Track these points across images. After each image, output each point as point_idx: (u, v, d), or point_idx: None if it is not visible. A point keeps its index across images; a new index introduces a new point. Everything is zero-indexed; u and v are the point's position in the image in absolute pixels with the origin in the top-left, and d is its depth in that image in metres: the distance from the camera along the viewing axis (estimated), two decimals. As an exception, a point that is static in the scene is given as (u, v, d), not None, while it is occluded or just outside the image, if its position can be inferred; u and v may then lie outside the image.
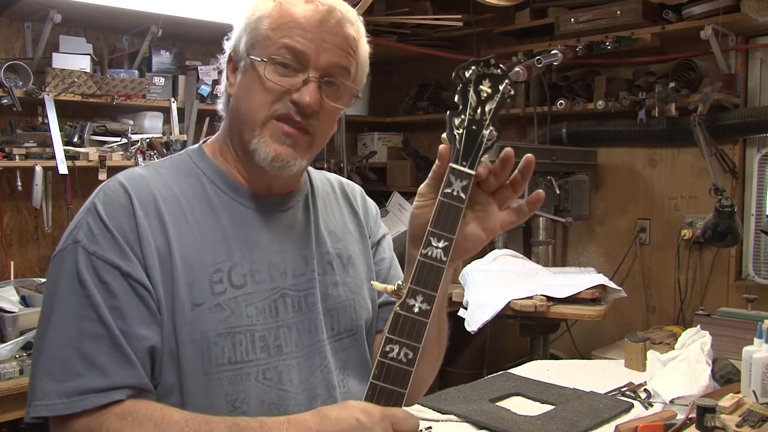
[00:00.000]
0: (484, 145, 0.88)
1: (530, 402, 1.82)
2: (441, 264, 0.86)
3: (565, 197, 3.14)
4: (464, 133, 0.88)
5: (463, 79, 0.88)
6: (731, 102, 2.88)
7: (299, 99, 0.98)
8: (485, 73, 0.88)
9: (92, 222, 0.94)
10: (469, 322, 2.50)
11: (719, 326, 2.29)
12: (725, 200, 2.59)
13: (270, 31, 0.99)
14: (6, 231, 2.76)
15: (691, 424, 1.56)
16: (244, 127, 1.01)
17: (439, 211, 0.87)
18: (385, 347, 0.84)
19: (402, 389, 0.84)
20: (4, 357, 2.15)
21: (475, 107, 0.88)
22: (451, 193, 0.87)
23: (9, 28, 2.76)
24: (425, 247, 0.86)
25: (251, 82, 1.00)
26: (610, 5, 3.04)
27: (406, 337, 0.84)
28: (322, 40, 0.99)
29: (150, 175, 1.01)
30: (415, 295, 0.85)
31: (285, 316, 1.02)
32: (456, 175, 0.87)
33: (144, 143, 2.81)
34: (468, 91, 0.88)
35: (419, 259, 0.86)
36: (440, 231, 0.86)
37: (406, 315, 0.84)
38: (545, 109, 3.31)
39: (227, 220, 1.02)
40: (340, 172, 3.49)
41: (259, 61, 0.98)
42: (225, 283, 0.98)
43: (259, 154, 0.99)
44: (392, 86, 4.17)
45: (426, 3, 3.52)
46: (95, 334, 0.89)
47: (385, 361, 0.84)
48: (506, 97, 0.88)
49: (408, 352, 0.84)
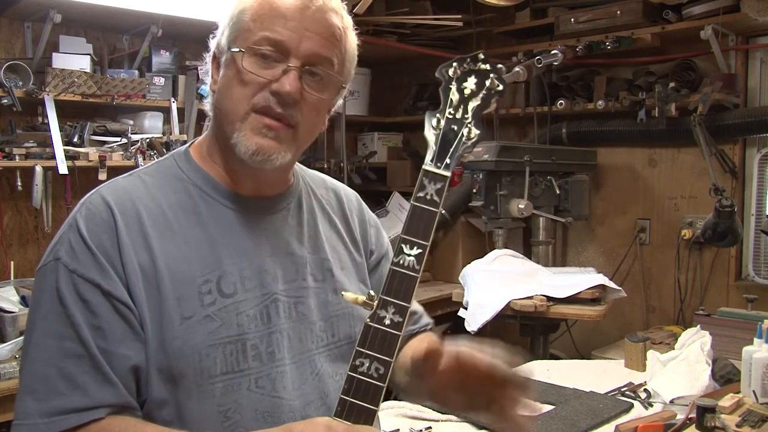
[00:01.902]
0: (462, 144, 0.83)
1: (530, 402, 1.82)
2: (414, 273, 0.81)
3: (565, 197, 3.14)
4: (440, 134, 0.84)
5: (446, 76, 0.84)
6: (731, 102, 2.88)
7: (278, 88, 0.95)
8: (471, 70, 0.84)
9: (73, 239, 0.93)
10: (469, 322, 2.50)
11: (719, 326, 2.29)
12: (725, 200, 2.59)
13: (251, 22, 0.97)
14: (6, 231, 2.76)
15: (691, 424, 1.56)
16: (225, 122, 0.99)
17: (411, 216, 0.82)
18: (355, 361, 0.80)
19: (373, 406, 0.80)
20: (4, 357, 2.15)
21: (456, 105, 0.83)
22: (424, 197, 0.82)
23: (9, 28, 2.76)
24: (397, 256, 0.81)
25: (231, 75, 0.98)
26: (610, 5, 3.04)
27: (377, 350, 0.80)
28: (303, 28, 0.96)
29: (134, 186, 1.00)
30: (386, 306, 0.80)
31: (277, 322, 1.01)
32: (429, 178, 0.82)
33: (144, 143, 2.81)
34: (449, 88, 0.84)
35: (391, 268, 0.81)
36: (412, 238, 0.81)
37: (376, 327, 0.80)
38: (545, 109, 3.31)
39: (214, 228, 1.00)
40: (340, 172, 3.49)
41: (238, 52, 0.96)
42: (214, 294, 0.96)
43: (240, 148, 0.96)
44: (392, 86, 4.17)
45: (426, 3, 3.52)
46: (76, 354, 0.88)
47: (355, 376, 0.80)
48: (493, 93, 0.83)
49: (379, 367, 0.80)
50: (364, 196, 1.34)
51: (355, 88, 3.78)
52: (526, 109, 3.42)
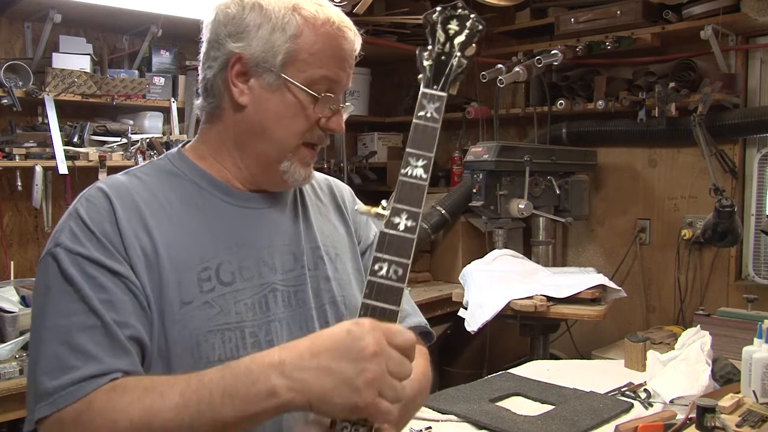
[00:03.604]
0: (454, 71, 0.89)
1: (530, 402, 1.82)
2: (422, 181, 0.86)
3: (565, 197, 3.14)
4: (433, 64, 0.90)
5: (431, 20, 0.91)
6: (731, 102, 2.88)
7: (334, 128, 1.04)
8: (452, 15, 0.91)
9: (75, 225, 0.93)
10: (469, 322, 2.50)
11: (719, 326, 2.29)
12: (725, 200, 2.59)
13: (306, 54, 0.99)
14: (6, 231, 2.76)
15: (691, 424, 1.56)
16: (272, 148, 1.03)
17: (414, 131, 0.88)
18: (374, 266, 0.84)
19: (394, 306, 0.84)
20: (4, 357, 2.15)
21: (443, 42, 0.90)
22: (425, 116, 0.88)
23: (9, 28, 2.76)
24: (405, 168, 0.87)
25: (286, 105, 1.01)
26: (610, 5, 3.04)
27: (394, 254, 0.84)
28: (349, 67, 1.04)
29: (130, 181, 1.01)
30: (399, 213, 0.85)
31: (276, 311, 1.02)
32: (428, 99, 0.89)
33: (144, 143, 2.81)
34: (436, 30, 0.91)
35: (400, 179, 0.87)
36: (418, 150, 0.87)
37: (392, 233, 0.85)
38: (545, 109, 3.31)
39: (213, 218, 1.02)
40: (340, 171, 3.49)
41: (301, 90, 1.00)
42: (213, 281, 0.97)
43: (292, 176, 1.04)
44: (392, 86, 4.17)
45: (426, 3, 3.52)
46: (87, 326, 0.88)
47: (375, 280, 0.84)
48: (475, 30, 0.89)
49: (397, 269, 0.84)
50: (364, 196, 1.34)
51: (355, 88, 3.78)
52: (526, 109, 3.42)
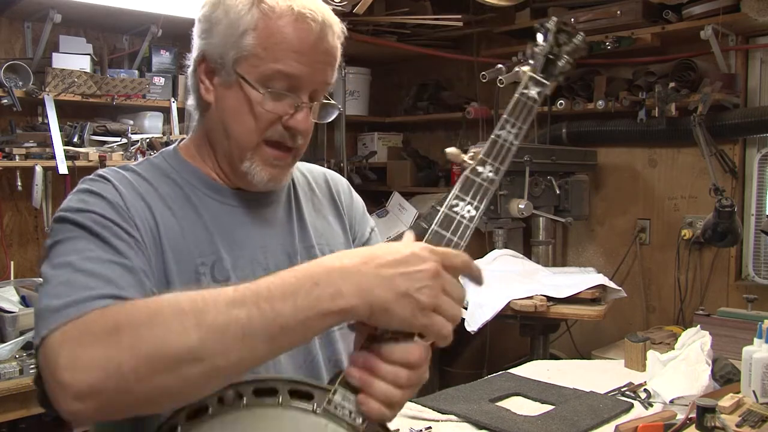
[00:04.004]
0: (559, 69, 1.03)
1: (530, 402, 1.82)
2: (512, 146, 0.96)
3: (565, 197, 3.14)
4: (544, 59, 1.03)
5: (546, 26, 1.05)
6: (731, 102, 2.88)
7: (295, 126, 0.98)
8: (562, 29, 1.06)
9: (83, 195, 0.91)
10: (469, 322, 2.50)
11: (719, 326, 2.29)
12: (725, 200, 2.59)
13: (260, 49, 0.95)
14: (6, 231, 2.76)
15: (691, 424, 1.56)
16: (233, 146, 1.00)
17: (515, 104, 0.99)
18: (451, 201, 0.91)
19: (460, 241, 0.89)
20: (4, 357, 2.15)
21: (552, 44, 1.04)
22: (527, 94, 1.00)
23: (9, 28, 2.76)
24: (500, 129, 0.96)
25: (240, 102, 0.98)
26: (610, 5, 3.04)
27: (472, 197, 0.92)
28: (315, 61, 0.97)
29: (128, 174, 1.00)
30: (484, 164, 0.94)
31: None
32: (534, 82, 1.01)
33: (144, 143, 2.81)
34: (548, 34, 1.05)
35: (492, 138, 0.95)
36: (515, 119, 0.97)
37: (473, 178, 0.93)
38: (545, 109, 3.31)
39: (208, 218, 1.01)
40: (340, 171, 3.46)
41: (250, 87, 0.96)
42: (208, 278, 0.97)
43: (253, 178, 1.01)
44: (392, 86, 4.17)
45: (426, 3, 3.52)
46: (104, 259, 0.83)
47: (449, 213, 0.91)
48: (581, 46, 1.03)
49: (471, 210, 0.91)
50: (364, 196, 1.34)
51: (355, 88, 3.78)
52: (526, 109, 3.42)
